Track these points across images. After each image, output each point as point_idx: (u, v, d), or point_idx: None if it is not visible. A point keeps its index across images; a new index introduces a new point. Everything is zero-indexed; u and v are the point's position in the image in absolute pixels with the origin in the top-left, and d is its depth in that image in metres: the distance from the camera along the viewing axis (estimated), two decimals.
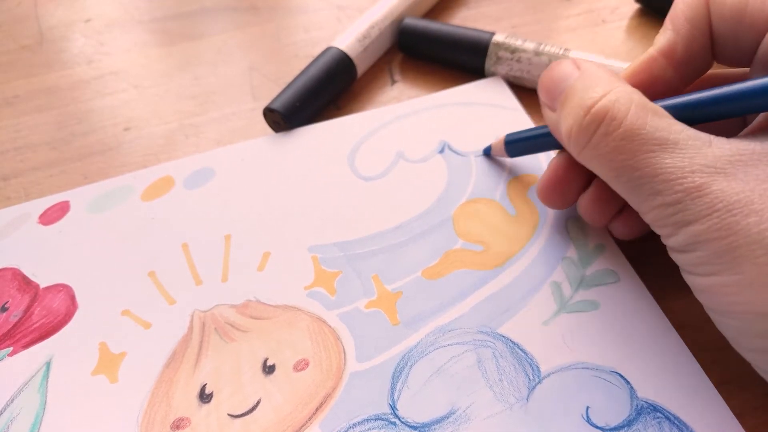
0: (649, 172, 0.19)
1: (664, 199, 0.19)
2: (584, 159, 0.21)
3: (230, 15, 0.39)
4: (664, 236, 0.21)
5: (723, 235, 0.18)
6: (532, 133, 0.26)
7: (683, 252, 0.20)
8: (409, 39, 0.34)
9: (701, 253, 0.19)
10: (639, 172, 0.19)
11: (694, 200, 0.18)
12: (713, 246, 0.18)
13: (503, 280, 0.25)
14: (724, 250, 0.18)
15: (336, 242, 0.27)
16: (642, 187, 0.20)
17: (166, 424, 0.22)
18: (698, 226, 0.19)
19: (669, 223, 0.20)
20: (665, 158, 0.19)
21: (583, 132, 0.21)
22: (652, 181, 0.19)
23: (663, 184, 0.19)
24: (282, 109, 0.30)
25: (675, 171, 0.19)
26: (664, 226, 0.20)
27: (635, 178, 0.20)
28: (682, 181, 0.19)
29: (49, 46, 0.38)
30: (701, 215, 0.18)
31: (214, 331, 0.24)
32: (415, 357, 0.23)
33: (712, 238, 0.18)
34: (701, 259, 0.19)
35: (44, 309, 0.25)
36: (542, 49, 0.31)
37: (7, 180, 0.31)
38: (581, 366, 0.22)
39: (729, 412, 0.21)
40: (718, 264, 0.19)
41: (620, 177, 0.20)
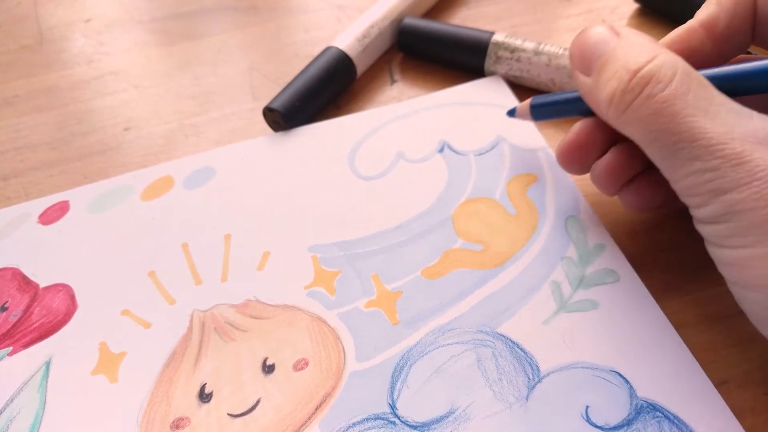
0: (689, 137, 0.19)
1: (702, 165, 0.19)
2: (624, 122, 0.21)
3: (230, 15, 0.39)
4: (694, 206, 0.20)
5: (761, 205, 0.18)
6: (560, 97, 0.26)
7: (714, 223, 0.19)
8: (408, 39, 0.34)
9: (734, 223, 0.19)
10: (678, 136, 0.19)
11: (735, 167, 0.18)
12: (749, 216, 0.18)
13: (503, 279, 0.25)
14: (762, 221, 0.18)
15: (336, 242, 0.27)
16: (680, 152, 0.19)
17: (166, 424, 0.22)
18: (735, 194, 0.18)
19: (704, 190, 0.19)
20: (706, 123, 0.19)
21: (627, 94, 0.20)
22: (691, 145, 0.19)
23: (702, 150, 0.19)
24: (282, 109, 0.30)
25: (715, 137, 0.19)
26: (698, 195, 0.19)
27: (673, 143, 0.19)
28: (723, 147, 0.18)
29: (49, 46, 0.38)
30: (740, 183, 0.18)
31: (214, 331, 0.24)
32: (414, 356, 0.23)
33: (748, 207, 0.18)
34: (733, 230, 0.19)
35: (44, 309, 0.25)
36: (542, 48, 0.31)
37: (7, 180, 0.31)
38: (581, 365, 0.22)
39: (729, 411, 0.21)
40: (752, 235, 0.18)
41: (657, 141, 0.20)
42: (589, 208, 0.27)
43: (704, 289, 0.24)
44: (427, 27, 0.34)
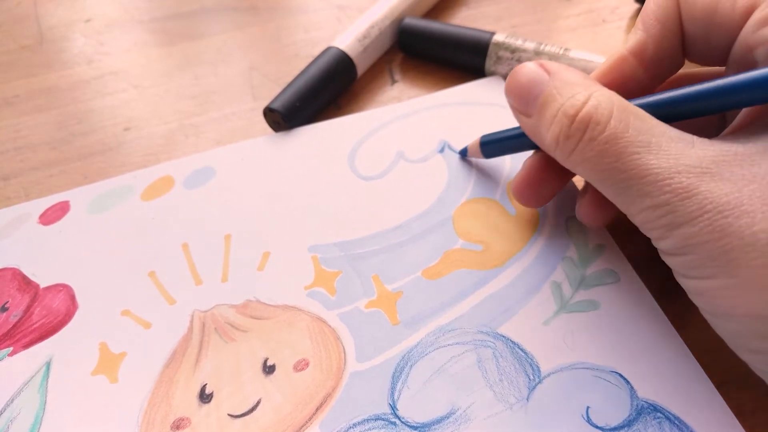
0: (636, 174, 0.19)
1: (652, 201, 0.19)
2: (571, 164, 0.21)
3: (230, 15, 0.39)
4: (654, 239, 0.20)
5: (716, 237, 0.18)
6: (507, 134, 0.26)
7: (676, 255, 0.20)
8: (409, 39, 0.34)
9: (694, 256, 0.19)
10: (625, 174, 0.19)
11: (683, 201, 0.18)
12: (706, 249, 0.18)
13: (503, 280, 0.25)
14: (718, 252, 0.18)
15: (336, 242, 0.27)
16: (629, 189, 0.19)
17: (166, 424, 0.22)
18: (689, 228, 0.18)
19: (658, 225, 0.19)
20: (650, 159, 0.19)
21: (569, 140, 0.21)
22: (639, 183, 0.19)
23: (650, 186, 0.19)
24: (282, 109, 0.30)
25: (661, 172, 0.19)
26: (654, 229, 0.20)
27: (622, 180, 0.19)
28: (669, 182, 0.18)
29: (49, 46, 0.38)
30: (692, 217, 0.18)
31: (214, 331, 0.24)
32: (415, 357, 0.23)
33: (704, 240, 0.18)
34: (694, 262, 0.19)
35: (44, 309, 0.25)
36: (542, 48, 0.31)
37: (7, 180, 0.31)
38: (581, 366, 0.22)
39: (729, 411, 0.21)
40: (711, 267, 0.18)
41: (606, 180, 0.20)
42: None
43: None
44: (428, 27, 0.34)
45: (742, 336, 0.19)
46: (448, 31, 0.34)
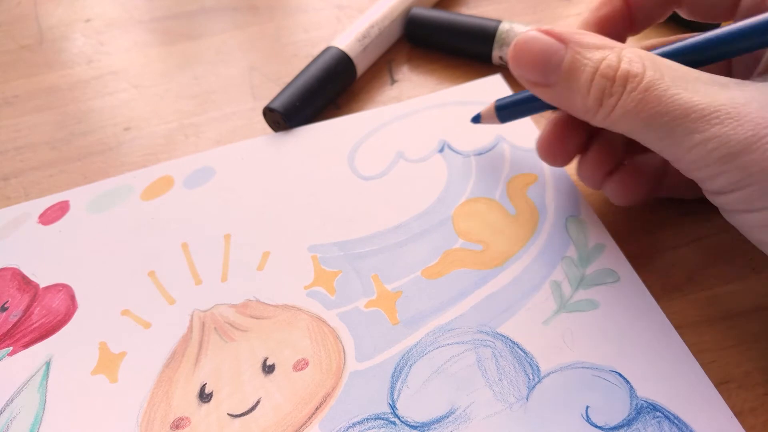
0: (680, 113, 0.19)
1: (702, 136, 0.18)
2: (612, 121, 0.21)
3: (230, 15, 0.39)
4: (707, 179, 0.20)
5: None
6: (524, 95, 0.26)
7: (732, 191, 0.19)
8: (416, 29, 0.35)
9: (756, 186, 0.18)
10: (669, 116, 0.19)
11: (736, 129, 0.18)
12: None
13: (503, 279, 0.25)
14: None
15: (336, 242, 0.27)
16: (675, 130, 0.19)
17: (166, 424, 0.22)
18: (748, 155, 0.18)
19: (713, 160, 0.19)
20: (693, 97, 0.19)
21: (612, 98, 0.20)
22: (685, 121, 0.19)
23: (697, 122, 0.18)
24: (281, 109, 0.30)
25: (706, 106, 0.18)
26: (707, 166, 0.19)
27: (666, 123, 0.19)
28: (717, 114, 0.18)
29: (49, 46, 0.38)
30: (748, 143, 0.18)
31: (214, 331, 0.24)
32: (414, 356, 0.23)
33: (766, 166, 0.17)
34: (758, 192, 0.18)
35: (44, 309, 0.25)
36: None
37: (7, 180, 0.31)
38: (581, 365, 0.22)
39: (729, 411, 0.21)
40: None
41: (651, 126, 0.20)
42: (589, 208, 0.27)
43: (704, 289, 0.24)
44: (435, 17, 0.34)
45: None
46: (455, 20, 0.34)
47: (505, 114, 0.27)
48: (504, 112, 0.27)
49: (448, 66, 0.35)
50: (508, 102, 0.27)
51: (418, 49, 0.36)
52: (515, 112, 0.27)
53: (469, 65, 0.34)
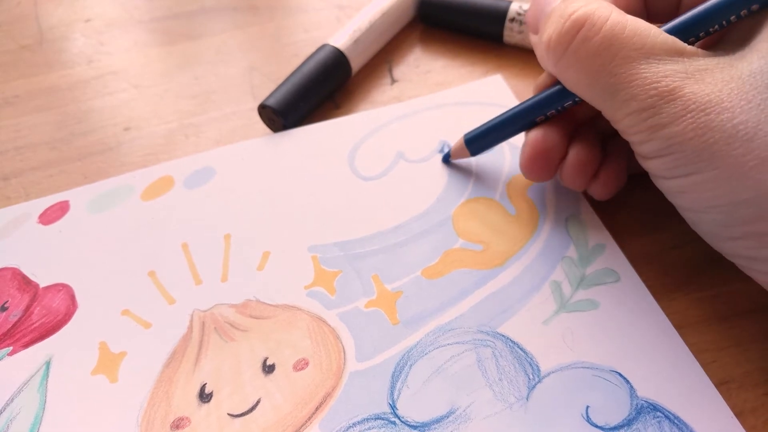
0: (625, 78, 0.20)
1: (638, 104, 0.20)
2: (563, 66, 0.22)
3: (230, 15, 0.39)
4: (637, 143, 0.21)
5: (699, 134, 0.19)
6: (490, 124, 0.27)
7: (657, 157, 0.21)
8: (429, 8, 0.36)
9: (678, 155, 0.20)
10: (615, 78, 0.20)
11: (668, 103, 0.19)
12: (690, 146, 0.19)
13: (503, 279, 0.25)
14: (701, 148, 0.19)
15: (336, 242, 0.27)
16: (617, 94, 0.20)
17: (166, 424, 0.22)
18: (674, 127, 0.19)
19: (644, 128, 0.20)
20: (641, 64, 0.20)
21: (563, 37, 0.21)
22: (628, 86, 0.20)
23: (637, 89, 0.20)
24: (275, 105, 0.30)
25: (650, 76, 0.20)
26: (639, 132, 0.21)
27: (611, 85, 0.20)
28: (656, 85, 0.20)
29: (49, 46, 0.38)
30: (676, 116, 0.19)
31: (214, 331, 0.24)
32: (414, 356, 0.23)
33: (688, 138, 0.19)
34: (678, 161, 0.20)
35: (44, 308, 0.25)
36: None
37: (7, 180, 0.31)
38: (581, 365, 0.22)
39: (729, 411, 0.21)
40: (695, 163, 0.19)
41: (597, 83, 0.21)
42: (589, 208, 0.27)
43: (704, 289, 0.24)
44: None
45: (723, 225, 0.20)
46: (467, 0, 0.35)
47: (475, 147, 0.28)
48: (474, 145, 0.28)
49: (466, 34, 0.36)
50: (476, 134, 0.28)
51: (419, 45, 0.36)
52: (485, 141, 0.28)
53: (477, 55, 0.35)
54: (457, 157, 0.29)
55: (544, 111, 0.25)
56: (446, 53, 0.35)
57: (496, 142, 0.28)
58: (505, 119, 0.26)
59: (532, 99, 0.25)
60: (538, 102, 0.25)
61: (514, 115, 0.26)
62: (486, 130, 0.27)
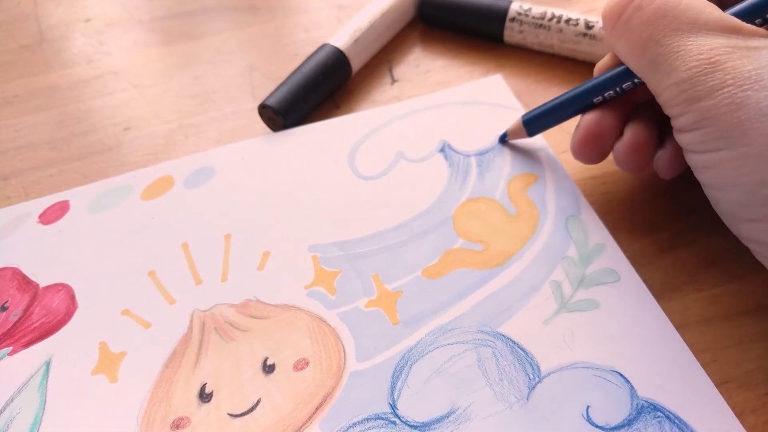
0: (672, 49, 0.20)
1: (678, 76, 0.20)
2: (615, 35, 0.22)
3: (230, 14, 0.39)
4: (674, 117, 0.21)
5: (732, 110, 0.19)
6: (548, 105, 0.27)
7: (691, 131, 0.20)
8: (429, 9, 0.36)
9: (709, 129, 0.20)
10: (663, 48, 0.20)
11: (706, 75, 0.19)
12: (722, 121, 0.19)
13: (503, 279, 0.25)
14: (733, 124, 0.19)
15: (336, 241, 0.27)
16: (662, 64, 0.20)
17: (166, 424, 0.22)
18: (708, 101, 0.19)
19: (681, 100, 0.20)
20: (690, 37, 0.20)
21: (618, 5, 0.22)
22: (673, 57, 0.20)
23: (681, 60, 0.20)
24: (275, 105, 0.30)
25: (694, 48, 0.20)
26: (676, 105, 0.21)
27: (658, 55, 0.20)
28: (699, 57, 0.19)
29: (49, 46, 0.38)
30: (712, 90, 0.19)
31: (214, 331, 0.24)
32: (415, 356, 0.23)
33: (721, 113, 0.19)
34: (708, 135, 0.20)
35: (44, 308, 0.25)
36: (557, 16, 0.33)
37: (7, 179, 0.31)
38: (581, 365, 0.22)
39: (729, 411, 0.21)
40: (724, 139, 0.19)
41: (645, 53, 0.21)
42: (589, 208, 0.27)
43: (704, 289, 0.24)
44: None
45: (745, 205, 0.20)
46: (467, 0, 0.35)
47: (532, 127, 0.28)
48: (531, 126, 0.28)
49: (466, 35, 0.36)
50: (534, 115, 0.28)
51: (420, 44, 0.36)
52: (542, 123, 0.28)
53: (477, 54, 0.35)
54: (514, 137, 0.29)
55: (603, 92, 0.25)
56: (446, 53, 0.35)
57: (553, 123, 0.28)
58: (564, 100, 0.27)
59: (592, 80, 0.26)
60: (598, 83, 0.25)
61: (573, 97, 0.26)
62: (544, 111, 0.28)
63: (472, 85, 0.33)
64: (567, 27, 0.32)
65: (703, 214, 0.27)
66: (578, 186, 0.28)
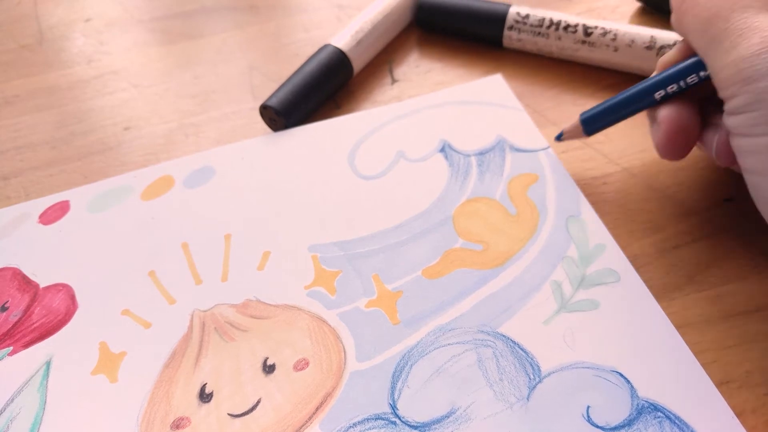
0: (738, 25, 0.20)
1: (738, 54, 0.19)
2: (683, 11, 0.22)
3: (230, 14, 0.39)
4: (728, 98, 0.21)
5: None
6: (608, 103, 0.27)
7: (742, 113, 0.20)
8: (427, 14, 0.35)
9: (761, 111, 0.19)
10: (728, 24, 0.20)
11: (765, 55, 0.19)
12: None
13: (503, 279, 0.25)
14: None
15: (336, 241, 0.27)
16: (724, 41, 0.20)
17: (166, 424, 0.22)
18: (764, 82, 0.19)
19: (738, 79, 0.20)
20: (759, 14, 0.19)
21: None
22: (737, 34, 0.20)
23: (744, 38, 0.19)
24: (277, 106, 0.30)
25: (760, 26, 0.19)
26: (732, 85, 0.20)
27: (722, 31, 0.20)
28: (762, 35, 0.19)
29: (49, 46, 0.38)
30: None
31: (214, 331, 0.24)
32: (415, 356, 0.23)
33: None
34: (760, 118, 0.19)
35: (44, 308, 0.25)
36: (556, 20, 0.33)
37: (7, 180, 0.31)
38: (582, 365, 0.22)
39: (729, 411, 0.21)
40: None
41: (710, 29, 0.20)
42: (589, 208, 0.27)
43: (705, 289, 0.24)
44: (445, 2, 0.35)
45: None
46: (466, 4, 0.34)
47: (591, 127, 0.27)
48: (590, 126, 0.27)
49: (464, 39, 0.35)
50: (593, 113, 0.27)
51: (420, 45, 0.36)
52: (602, 122, 0.27)
53: (476, 56, 0.35)
54: (571, 137, 0.28)
55: (667, 86, 0.24)
56: (446, 53, 0.35)
57: (613, 121, 0.27)
58: (626, 97, 0.26)
59: (654, 76, 0.25)
60: (662, 78, 0.25)
61: (635, 93, 0.26)
62: (605, 110, 0.27)
63: (472, 84, 0.33)
64: (565, 34, 0.32)
65: (703, 214, 0.27)
66: (578, 186, 0.28)
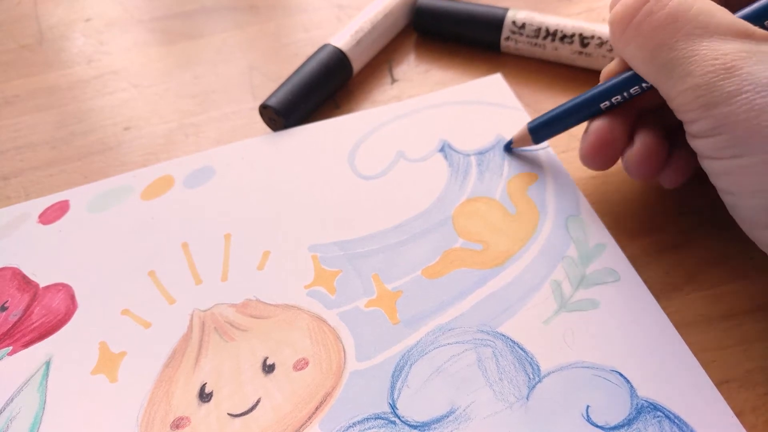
0: (685, 53, 0.20)
1: (693, 80, 0.19)
2: (625, 40, 0.22)
3: (230, 14, 0.39)
4: (688, 122, 0.21)
5: (752, 116, 0.18)
6: (554, 112, 0.27)
7: (707, 137, 0.20)
8: (424, 18, 0.35)
9: (727, 135, 0.19)
10: (675, 53, 0.20)
11: (723, 81, 0.19)
12: (740, 127, 0.19)
13: (503, 279, 0.25)
14: (753, 130, 0.18)
15: (336, 241, 0.27)
16: (675, 69, 0.20)
17: (166, 424, 0.22)
18: (726, 107, 0.19)
19: (696, 105, 0.20)
20: (703, 41, 0.20)
21: (628, 9, 0.21)
22: (687, 62, 0.20)
23: (695, 65, 0.19)
24: (276, 105, 0.30)
25: (709, 52, 0.19)
26: (691, 110, 0.20)
27: (670, 60, 0.20)
28: (713, 62, 0.19)
29: (49, 46, 0.38)
30: (730, 95, 0.19)
31: (214, 331, 0.24)
32: (415, 356, 0.23)
33: (740, 119, 0.19)
34: (726, 141, 0.19)
35: (44, 308, 0.25)
36: (555, 24, 0.32)
37: (7, 179, 0.31)
38: (581, 365, 0.22)
39: (729, 411, 0.21)
40: (743, 145, 0.19)
41: (656, 58, 0.21)
42: (589, 208, 0.27)
43: (704, 288, 0.24)
44: (443, 5, 0.35)
45: (765, 210, 0.20)
46: (463, 8, 0.34)
47: (538, 135, 0.28)
48: (538, 134, 0.28)
49: (462, 44, 0.35)
50: (540, 122, 0.28)
51: (420, 45, 0.36)
52: (549, 131, 0.28)
53: (475, 57, 0.35)
54: (520, 145, 0.29)
55: (611, 97, 0.25)
56: (446, 53, 0.35)
57: (560, 130, 0.28)
58: (571, 106, 0.26)
59: (599, 86, 0.25)
60: (606, 89, 0.25)
61: (580, 103, 0.26)
62: (551, 118, 0.27)
63: (472, 84, 0.33)
64: (562, 45, 0.32)
65: (703, 214, 0.27)
66: (578, 186, 0.28)
